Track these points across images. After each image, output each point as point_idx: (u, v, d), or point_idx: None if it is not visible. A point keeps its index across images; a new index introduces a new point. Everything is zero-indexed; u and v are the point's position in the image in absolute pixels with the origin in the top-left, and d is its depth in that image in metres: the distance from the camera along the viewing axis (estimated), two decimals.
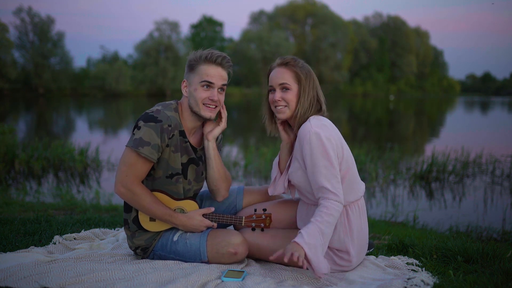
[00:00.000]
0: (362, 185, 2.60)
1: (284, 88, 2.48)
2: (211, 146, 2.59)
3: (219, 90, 2.53)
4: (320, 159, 2.35)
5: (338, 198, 2.33)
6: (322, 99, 2.54)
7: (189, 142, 2.58)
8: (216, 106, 2.52)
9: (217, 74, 2.49)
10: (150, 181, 2.54)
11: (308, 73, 2.50)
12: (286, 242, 2.54)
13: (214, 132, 2.59)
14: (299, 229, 2.62)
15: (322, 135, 2.36)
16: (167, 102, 2.59)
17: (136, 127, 2.44)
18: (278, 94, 2.49)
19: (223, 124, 2.61)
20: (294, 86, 2.48)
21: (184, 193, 2.62)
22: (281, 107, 2.49)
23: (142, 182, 2.51)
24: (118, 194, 2.46)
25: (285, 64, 2.51)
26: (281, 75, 2.49)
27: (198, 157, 2.63)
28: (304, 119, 2.47)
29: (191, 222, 2.51)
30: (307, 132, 2.38)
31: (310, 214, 2.55)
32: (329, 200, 2.32)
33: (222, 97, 2.55)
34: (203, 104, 2.49)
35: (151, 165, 2.46)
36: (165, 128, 2.43)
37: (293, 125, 2.56)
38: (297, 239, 2.26)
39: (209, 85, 2.48)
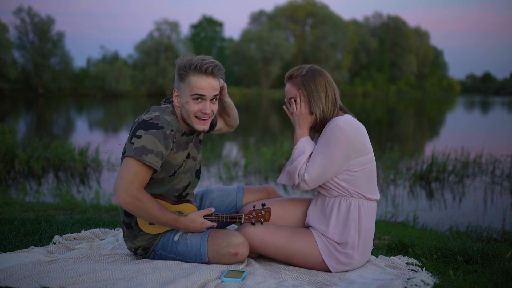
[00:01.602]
0: (378, 193, 2.65)
1: (294, 100, 2.62)
2: (228, 100, 2.77)
3: (212, 100, 2.47)
4: (326, 148, 2.45)
5: (306, 186, 2.49)
6: (335, 97, 2.61)
7: (195, 134, 2.57)
8: (209, 117, 2.48)
9: (209, 86, 2.40)
10: (150, 184, 2.50)
11: (312, 79, 2.58)
12: (289, 237, 2.56)
13: (225, 92, 2.70)
14: (307, 226, 2.66)
15: (345, 133, 2.44)
16: (162, 106, 2.52)
17: (135, 136, 2.34)
18: (292, 106, 2.65)
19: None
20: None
21: (191, 172, 2.62)
22: None
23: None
24: (122, 204, 2.31)
25: (289, 78, 2.65)
26: (288, 91, 2.65)
27: (198, 138, 2.64)
28: (326, 119, 2.57)
29: (193, 225, 2.50)
30: (333, 122, 2.49)
31: (323, 207, 2.58)
32: (302, 182, 2.49)
33: (215, 107, 2.49)
34: (196, 117, 2.44)
35: (153, 171, 2.41)
36: (168, 134, 2.38)
37: (317, 127, 2.63)
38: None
39: (200, 97, 2.41)
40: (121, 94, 46.65)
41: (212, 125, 2.78)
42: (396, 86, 65.67)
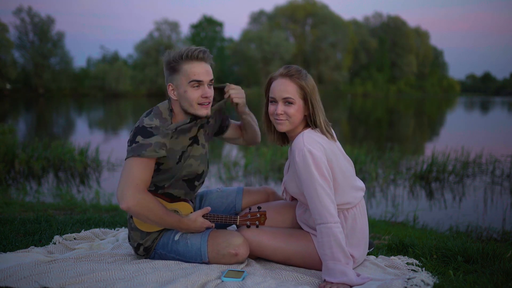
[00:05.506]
0: (358, 192, 2.53)
1: (287, 102, 2.38)
2: (246, 118, 2.71)
3: (208, 85, 2.48)
4: (316, 179, 2.29)
5: (336, 219, 2.31)
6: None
7: (197, 121, 2.57)
8: (209, 102, 2.49)
9: (203, 70, 2.43)
10: (159, 174, 2.50)
11: (314, 88, 2.41)
12: (286, 239, 2.55)
13: (241, 102, 2.64)
14: (301, 229, 2.64)
15: (315, 152, 2.29)
16: (162, 112, 2.50)
17: (134, 142, 2.38)
18: (280, 108, 2.39)
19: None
20: (298, 101, 2.38)
21: (202, 159, 2.61)
22: (281, 120, 2.41)
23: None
24: (130, 207, 2.31)
25: (289, 76, 2.39)
26: (284, 88, 2.38)
27: (205, 128, 2.65)
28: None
29: (194, 225, 2.51)
30: (300, 150, 2.31)
31: (307, 214, 2.54)
32: (329, 225, 2.29)
33: (211, 91, 2.51)
34: (198, 104, 2.45)
35: (154, 164, 2.41)
36: (167, 133, 2.44)
37: (292, 137, 2.50)
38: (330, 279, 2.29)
39: (198, 83, 2.43)
40: (121, 94, 46.65)
41: (222, 128, 2.79)
42: (396, 86, 65.68)
